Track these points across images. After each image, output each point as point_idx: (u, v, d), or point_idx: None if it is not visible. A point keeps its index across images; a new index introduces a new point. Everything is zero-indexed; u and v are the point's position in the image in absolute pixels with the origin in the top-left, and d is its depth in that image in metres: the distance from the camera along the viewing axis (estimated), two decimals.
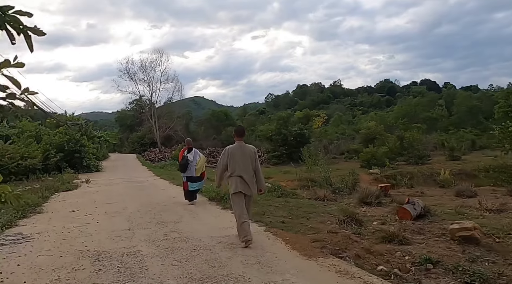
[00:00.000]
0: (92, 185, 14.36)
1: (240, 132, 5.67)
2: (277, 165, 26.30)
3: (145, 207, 8.48)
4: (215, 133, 54.71)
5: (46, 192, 11.18)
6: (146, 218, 7.25)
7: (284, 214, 7.19)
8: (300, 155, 26.50)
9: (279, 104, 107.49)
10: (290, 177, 18.16)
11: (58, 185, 13.15)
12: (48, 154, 19.33)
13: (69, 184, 14.09)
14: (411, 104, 46.00)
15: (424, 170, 20.70)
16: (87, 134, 21.96)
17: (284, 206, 8.29)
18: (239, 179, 5.27)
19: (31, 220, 7.41)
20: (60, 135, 20.57)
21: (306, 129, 26.35)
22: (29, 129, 20.48)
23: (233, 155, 5.37)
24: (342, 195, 10.34)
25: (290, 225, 6.19)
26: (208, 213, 7.58)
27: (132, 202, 9.44)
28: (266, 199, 9.23)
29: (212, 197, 9.22)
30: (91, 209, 8.49)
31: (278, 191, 10.16)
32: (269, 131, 27.83)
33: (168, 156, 31.49)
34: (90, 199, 10.28)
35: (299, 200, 9.25)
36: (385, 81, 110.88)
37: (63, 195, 11.44)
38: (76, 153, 20.36)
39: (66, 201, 10.02)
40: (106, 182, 15.51)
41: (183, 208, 8.33)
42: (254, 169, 5.42)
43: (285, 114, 28.29)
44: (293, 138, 26.06)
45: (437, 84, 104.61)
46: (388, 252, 4.65)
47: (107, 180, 16.48)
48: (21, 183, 16.66)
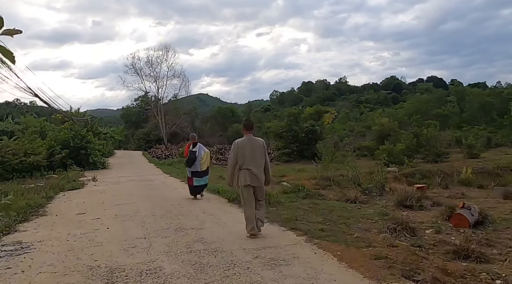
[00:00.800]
0: (99, 183, 13.52)
1: (249, 125, 5.68)
2: (288, 163, 25.34)
3: (160, 209, 7.59)
4: (221, 130, 53.89)
5: (50, 191, 10.34)
6: (162, 222, 6.36)
7: (319, 220, 6.28)
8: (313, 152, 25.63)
9: (284, 101, 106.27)
10: (305, 175, 17.22)
11: (63, 184, 12.31)
12: (53, 150, 18.52)
13: (75, 182, 13.25)
14: (422, 100, 44.86)
15: (443, 168, 19.67)
16: (92, 130, 21.13)
17: (314, 209, 7.38)
18: (248, 172, 5.26)
19: (32, 225, 6.55)
20: (65, 131, 19.77)
21: (318, 126, 25.39)
22: (34, 125, 19.66)
23: (243, 148, 5.35)
24: (373, 196, 9.39)
25: (332, 234, 5.27)
26: (231, 218, 6.67)
27: (144, 203, 8.56)
28: (291, 200, 8.33)
29: (231, 198, 8.31)
30: (99, 211, 7.61)
31: (303, 191, 9.25)
32: (279, 127, 26.88)
33: (175, 153, 30.61)
34: (98, 199, 9.41)
35: (327, 202, 8.33)
36: (391, 78, 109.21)
37: (69, 194, 10.59)
38: (82, 150, 19.54)
39: (71, 201, 9.16)
40: (114, 180, 14.66)
41: (202, 210, 7.43)
42: (264, 161, 5.41)
43: (296, 110, 27.32)
44: (305, 135, 25.11)
45: (443, 81, 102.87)
46: (469, 274, 3.72)
47: (115, 178, 15.64)
48: (24, 180, 15.88)
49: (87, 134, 20.20)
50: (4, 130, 24.31)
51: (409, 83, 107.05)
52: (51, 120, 28.18)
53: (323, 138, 26.44)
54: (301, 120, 26.44)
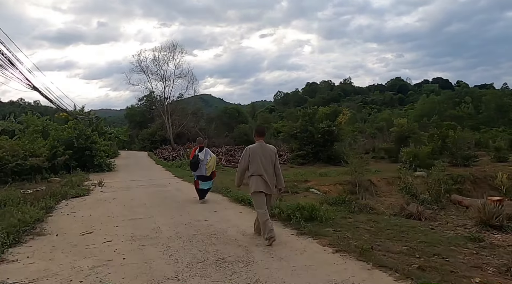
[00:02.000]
0: (107, 188, 12.00)
1: (261, 132, 5.67)
2: (302, 165, 23.74)
3: (185, 228, 6.07)
4: (227, 130, 52.37)
5: (50, 200, 8.82)
6: (194, 250, 4.83)
7: (400, 248, 4.73)
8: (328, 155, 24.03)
9: (289, 102, 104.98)
10: (329, 180, 15.66)
11: (66, 190, 10.79)
12: (56, 151, 17.03)
13: (79, 188, 11.75)
14: (435, 101, 43.26)
15: (474, 173, 18.10)
16: (97, 130, 19.65)
17: (378, 229, 5.84)
18: (260, 178, 5.27)
19: (25, 250, 5.03)
20: (69, 131, 18.25)
21: (334, 126, 23.82)
22: (35, 123, 18.17)
23: (254, 155, 5.35)
24: (432, 209, 7.84)
25: (440, 276, 3.73)
26: (284, 245, 5.12)
27: (163, 217, 7.03)
28: (343, 215, 6.79)
29: (270, 213, 6.74)
30: (110, 230, 6.10)
31: (349, 203, 7.71)
32: (293, 128, 25.29)
33: (182, 154, 29.07)
34: (107, 211, 7.89)
35: (386, 219, 6.79)
36: (396, 79, 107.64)
37: (72, 203, 9.07)
38: (87, 150, 18.03)
39: (76, 214, 7.63)
40: (122, 184, 13.14)
41: (239, 229, 5.89)
42: (274, 168, 5.43)
43: (310, 110, 25.74)
44: (321, 136, 23.52)
45: (449, 82, 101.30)
46: None
47: (123, 182, 14.13)
48: (23, 184, 14.40)
49: (92, 134, 18.69)
50: (5, 130, 22.88)
51: (415, 85, 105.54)
52: (54, 119, 26.73)
53: (339, 139, 24.84)
54: (316, 121, 24.83)
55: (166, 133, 45.56)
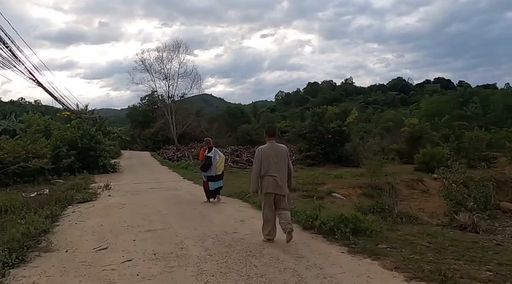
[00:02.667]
0: (114, 192, 11.17)
1: (272, 132, 5.63)
2: (312, 166, 22.89)
3: (214, 243, 5.23)
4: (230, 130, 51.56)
5: (55, 207, 8.00)
6: (233, 274, 4.00)
7: (485, 275, 3.91)
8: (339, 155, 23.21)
9: (290, 102, 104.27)
10: (345, 183, 14.84)
11: (72, 194, 9.96)
12: (59, 151, 16.20)
13: (86, 192, 10.93)
14: (441, 101, 42.49)
15: (496, 175, 17.28)
16: (102, 129, 18.82)
17: (438, 246, 5.01)
18: (272, 179, 5.15)
19: (31, 272, 4.20)
20: (72, 130, 17.42)
21: (345, 126, 23.02)
22: (37, 123, 17.34)
23: (266, 155, 5.23)
24: (483, 218, 7.01)
25: None
26: (338, 265, 4.30)
27: (185, 228, 6.21)
28: (390, 228, 5.97)
29: (308, 224, 5.91)
30: (127, 244, 5.27)
31: (389, 212, 6.89)
32: (302, 128, 24.49)
33: (187, 154, 28.23)
34: (119, 219, 7.06)
35: (441, 231, 5.96)
36: (398, 79, 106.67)
37: (79, 209, 8.24)
38: (91, 151, 17.21)
39: (85, 223, 6.81)
40: (130, 188, 12.31)
41: (280, 247, 5.01)
42: (287, 168, 5.30)
43: (320, 109, 24.94)
44: (331, 136, 22.72)
45: (451, 82, 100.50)
46: None
47: (130, 184, 13.31)
48: (25, 186, 13.58)
49: (96, 134, 17.86)
50: (6, 129, 22.01)
51: (416, 85, 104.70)
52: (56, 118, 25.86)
53: (350, 140, 24.04)
54: (325, 121, 24.02)
55: (168, 133, 44.75)
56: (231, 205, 8.39)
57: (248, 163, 25.39)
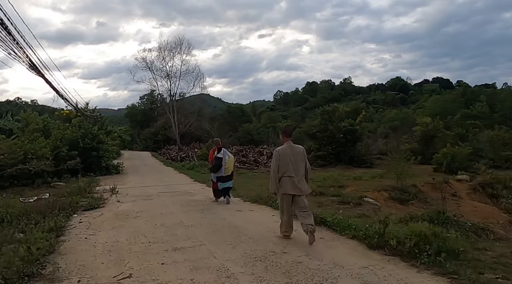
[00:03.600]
0: (122, 196, 10.02)
1: (289, 132, 5.57)
2: (323, 167, 21.86)
3: (266, 269, 4.10)
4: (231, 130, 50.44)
5: (59, 216, 6.86)
6: None
7: None
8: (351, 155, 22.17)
9: (289, 102, 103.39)
10: (367, 185, 13.75)
11: (76, 199, 8.80)
12: (59, 152, 15.02)
13: (91, 196, 9.76)
14: (447, 100, 41.62)
15: None
16: (104, 128, 17.64)
17: None
18: (290, 180, 5.12)
19: None
20: (73, 129, 16.22)
21: (357, 125, 21.97)
22: (35, 121, 16.12)
23: (284, 156, 5.19)
24: None
25: None
26: None
27: (220, 245, 5.07)
28: (476, 246, 4.87)
29: (374, 243, 4.79)
30: (155, 270, 4.13)
31: (460, 225, 5.79)
32: (312, 127, 23.40)
33: (191, 155, 27.03)
34: (136, 232, 5.91)
35: None
36: (397, 78, 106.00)
37: (87, 219, 7.09)
38: (93, 151, 16.01)
39: (96, 237, 5.66)
40: (139, 191, 11.15)
41: (355, 276, 3.93)
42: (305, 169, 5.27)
43: (330, 107, 23.88)
44: (343, 136, 21.66)
45: (450, 82, 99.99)
46: None
47: (138, 188, 12.15)
48: (23, 189, 12.42)
49: (99, 133, 16.66)
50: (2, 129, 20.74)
51: (415, 84, 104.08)
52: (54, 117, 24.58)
53: (361, 139, 22.98)
54: (336, 119, 22.96)
55: (169, 133, 43.54)
56: (262, 213, 7.27)
57: (256, 163, 24.29)
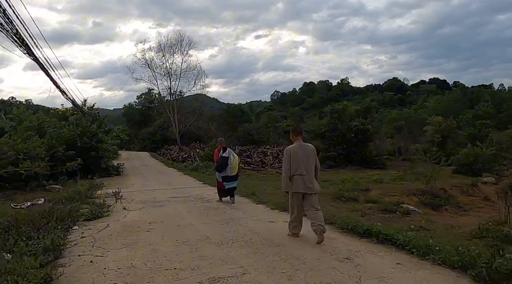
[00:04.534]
0: (127, 202, 8.77)
1: (298, 131, 5.54)
2: (333, 168, 20.72)
3: None
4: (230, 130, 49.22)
5: (57, 228, 5.63)
6: None
7: None
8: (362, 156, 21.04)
9: (286, 102, 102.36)
10: (393, 189, 12.61)
11: (76, 207, 7.54)
12: (55, 152, 13.73)
13: (92, 202, 8.50)
14: (450, 100, 40.80)
15: None
16: (103, 127, 16.34)
17: None
18: (301, 179, 5.08)
19: None
20: (70, 128, 14.90)
21: (369, 124, 20.87)
22: (29, 119, 14.78)
23: (295, 155, 5.16)
24: None
25: None
26: None
27: (273, 275, 3.84)
28: None
29: (481, 275, 3.63)
30: None
31: None
32: (321, 126, 22.24)
33: (193, 155, 25.74)
34: (156, 253, 4.66)
35: None
36: (394, 79, 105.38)
37: (91, 233, 5.84)
38: (92, 151, 14.72)
39: (104, 260, 4.41)
40: (145, 196, 9.90)
41: None
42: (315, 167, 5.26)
43: (340, 106, 22.74)
44: (354, 135, 20.54)
45: (447, 83, 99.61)
46: None
47: (143, 192, 10.90)
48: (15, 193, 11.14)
49: (98, 132, 15.36)
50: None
51: (412, 85, 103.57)
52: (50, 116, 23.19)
53: (372, 139, 21.87)
54: (346, 118, 21.84)
55: (167, 132, 42.26)
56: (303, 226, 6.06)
57: (262, 164, 23.09)
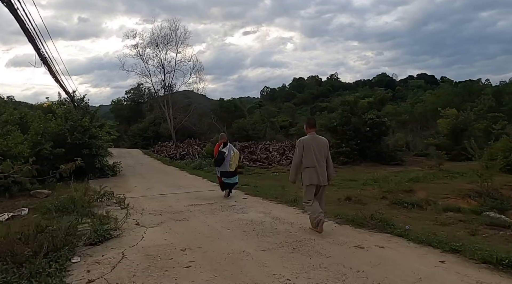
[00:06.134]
0: (138, 213, 6.76)
1: (312, 123, 5.47)
2: (347, 164, 19.01)
3: None
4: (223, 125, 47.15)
5: (50, 264, 3.64)
6: None
7: None
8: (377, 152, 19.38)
9: (276, 98, 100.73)
10: (440, 189, 10.89)
11: (73, 224, 5.48)
12: (40, 149, 11.55)
13: (92, 214, 6.45)
14: (451, 93, 39.72)
15: None
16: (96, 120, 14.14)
17: None
18: (314, 170, 5.08)
19: None
20: (58, 121, 12.66)
21: (385, 117, 19.22)
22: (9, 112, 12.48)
23: (308, 146, 5.15)
24: None
25: None
26: None
27: None
28: None
29: None
30: None
31: None
32: (332, 120, 20.45)
33: (192, 152, 23.66)
34: None
35: None
36: (383, 75, 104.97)
37: (99, 269, 3.84)
38: (85, 148, 12.55)
39: None
40: (158, 204, 7.87)
41: None
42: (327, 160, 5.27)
43: (352, 98, 21.00)
44: (369, 130, 18.85)
45: (435, 78, 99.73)
46: None
47: (151, 197, 8.86)
48: None
49: (91, 126, 13.17)
50: None
51: (400, 80, 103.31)
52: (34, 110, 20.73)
53: (388, 133, 20.23)
54: (358, 111, 20.13)
55: (159, 128, 39.96)
56: (406, 254, 4.19)
57: (268, 161, 21.20)
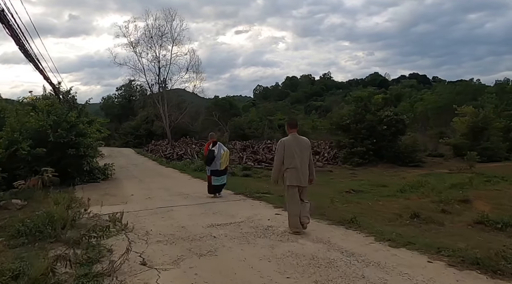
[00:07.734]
0: (142, 240, 4.83)
1: (294, 124, 5.46)
2: (362, 166, 17.26)
3: None
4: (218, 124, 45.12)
5: None
6: None
7: None
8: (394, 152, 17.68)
9: (269, 96, 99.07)
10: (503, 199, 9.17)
11: (49, 263, 3.52)
12: (16, 149, 9.53)
13: (78, 243, 4.49)
14: (452, 92, 38.52)
15: None
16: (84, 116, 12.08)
17: None
18: (295, 171, 5.04)
19: None
20: (39, 116, 10.57)
21: (403, 114, 17.56)
22: None
23: (289, 147, 5.12)
24: None
25: None
26: None
27: None
28: None
29: None
30: None
31: None
32: (344, 117, 18.69)
33: (190, 152, 21.66)
34: None
35: None
36: (375, 74, 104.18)
37: None
38: (71, 148, 10.50)
39: None
40: (165, 223, 5.95)
41: None
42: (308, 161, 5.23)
43: (365, 93, 19.29)
44: (386, 128, 17.15)
45: (427, 78, 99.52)
46: None
47: (154, 211, 6.92)
48: None
49: (78, 122, 11.09)
50: None
51: (393, 80, 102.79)
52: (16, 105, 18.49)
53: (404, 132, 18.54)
54: (373, 108, 18.41)
55: (152, 127, 37.87)
56: None
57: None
